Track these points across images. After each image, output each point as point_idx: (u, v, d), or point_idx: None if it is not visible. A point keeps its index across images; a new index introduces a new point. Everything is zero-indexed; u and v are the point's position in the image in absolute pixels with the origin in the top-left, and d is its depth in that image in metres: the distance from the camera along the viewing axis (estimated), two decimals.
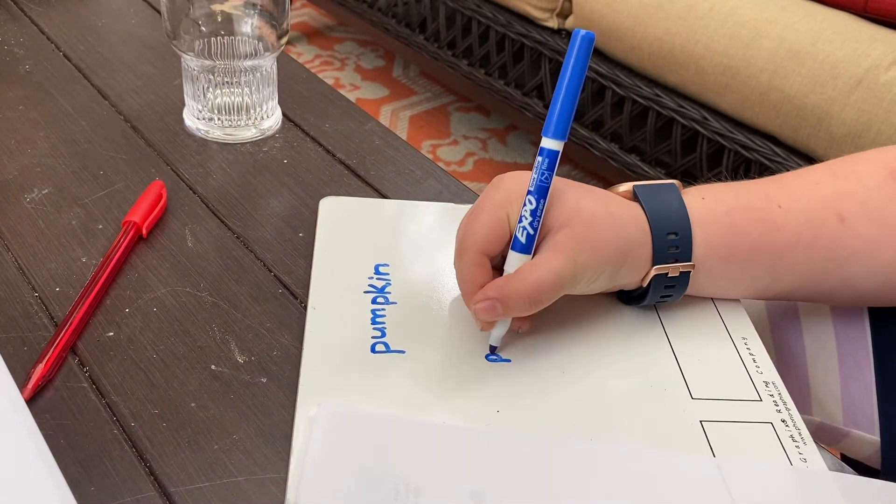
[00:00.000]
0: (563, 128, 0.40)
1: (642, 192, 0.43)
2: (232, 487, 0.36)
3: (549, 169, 0.40)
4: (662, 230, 0.42)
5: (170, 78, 0.65)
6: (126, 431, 0.38)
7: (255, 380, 0.41)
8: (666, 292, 0.44)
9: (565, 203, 0.41)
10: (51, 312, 0.44)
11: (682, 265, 0.42)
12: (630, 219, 0.42)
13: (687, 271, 0.43)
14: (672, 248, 0.42)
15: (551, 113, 0.40)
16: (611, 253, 0.41)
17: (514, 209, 0.41)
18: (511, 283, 0.40)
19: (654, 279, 0.42)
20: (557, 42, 1.44)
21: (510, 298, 0.40)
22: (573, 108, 0.39)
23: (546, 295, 0.40)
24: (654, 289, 0.43)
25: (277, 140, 0.59)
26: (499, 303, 0.40)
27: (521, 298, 0.40)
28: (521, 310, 0.40)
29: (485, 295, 0.40)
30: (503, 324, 0.42)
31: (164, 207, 0.51)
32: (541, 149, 0.40)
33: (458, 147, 1.78)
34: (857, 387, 0.49)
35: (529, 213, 0.40)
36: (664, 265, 0.42)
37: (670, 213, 0.42)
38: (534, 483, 0.36)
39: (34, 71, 0.64)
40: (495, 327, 0.42)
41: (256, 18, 0.56)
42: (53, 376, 0.40)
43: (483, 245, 0.41)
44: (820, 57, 1.12)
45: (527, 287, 0.40)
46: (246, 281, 0.47)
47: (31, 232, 0.49)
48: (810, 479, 0.38)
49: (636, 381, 0.42)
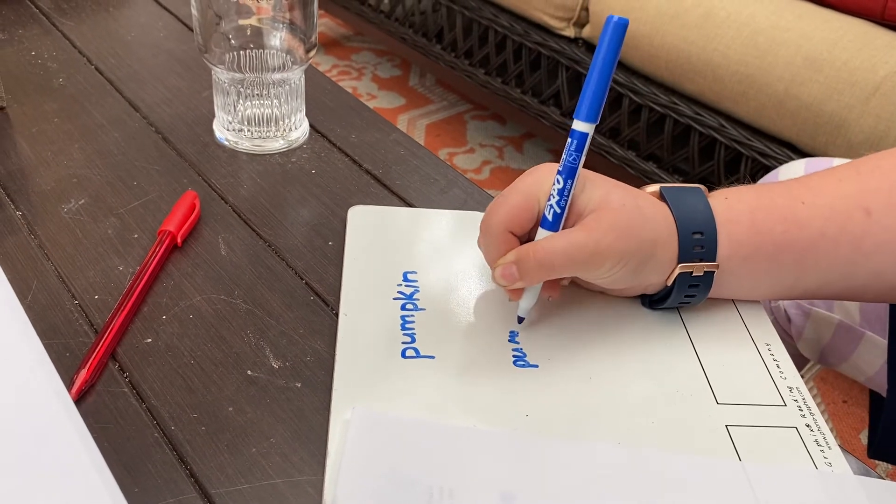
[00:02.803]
0: (594, 110, 0.41)
1: (669, 193, 0.44)
2: (270, 489, 0.37)
3: (577, 150, 0.41)
4: (688, 229, 0.43)
5: (198, 90, 0.66)
6: (166, 435, 0.39)
7: (290, 384, 0.42)
8: (690, 292, 0.44)
9: (596, 191, 0.42)
10: (90, 319, 0.45)
11: (707, 265, 0.43)
12: (658, 215, 0.43)
13: (711, 271, 0.43)
14: (697, 247, 0.43)
15: (583, 96, 0.41)
16: (636, 244, 0.42)
17: (545, 193, 0.42)
18: (527, 247, 0.42)
19: (678, 278, 0.43)
20: (574, 51, 1.45)
21: (523, 261, 0.41)
22: (605, 91, 0.40)
23: (558, 260, 0.41)
24: (678, 289, 0.44)
25: (305, 151, 0.61)
26: (514, 265, 0.41)
27: (533, 261, 0.41)
28: (533, 273, 0.41)
29: (504, 260, 0.42)
30: (531, 294, 0.43)
31: (198, 217, 0.52)
32: (571, 131, 0.41)
33: (475, 155, 1.79)
34: None
35: (557, 192, 0.42)
36: (689, 264, 0.43)
37: (696, 213, 0.43)
38: (563, 485, 0.37)
39: (68, 84, 0.66)
40: (523, 297, 0.44)
41: (285, 32, 0.58)
42: (95, 381, 0.41)
43: (509, 222, 0.42)
44: (837, 64, 1.12)
45: (539, 251, 0.41)
46: (278, 288, 0.48)
47: (70, 241, 0.50)
48: (835, 482, 0.38)
49: (662, 385, 0.43)
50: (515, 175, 1.73)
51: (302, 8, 0.57)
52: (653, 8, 1.30)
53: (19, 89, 0.64)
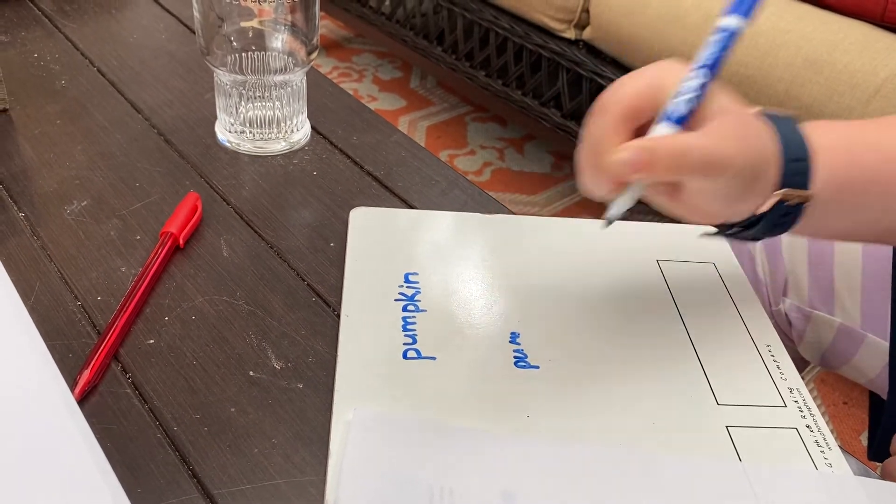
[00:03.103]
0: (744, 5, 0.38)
1: (771, 117, 0.42)
2: (272, 490, 0.37)
3: (724, 47, 0.38)
4: (791, 155, 0.40)
5: (200, 92, 0.66)
6: (169, 435, 0.39)
7: (292, 385, 0.42)
8: (780, 222, 0.41)
9: (721, 97, 0.39)
10: (93, 321, 0.45)
11: (803, 193, 0.41)
12: (767, 136, 0.40)
13: (804, 202, 0.41)
14: (796, 175, 0.40)
15: None
16: (754, 158, 0.39)
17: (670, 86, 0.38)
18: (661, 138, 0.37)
19: (774, 206, 0.40)
20: (575, 53, 1.45)
21: (659, 148, 0.36)
22: None
23: (695, 156, 0.37)
24: (769, 217, 0.41)
25: (307, 152, 0.61)
26: (646, 152, 0.36)
27: (671, 148, 0.36)
28: (665, 164, 0.36)
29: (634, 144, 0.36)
30: (630, 196, 0.38)
31: (200, 218, 0.53)
32: (719, 28, 0.38)
33: (476, 157, 1.79)
34: (878, 296, 0.49)
35: (694, 87, 0.38)
36: (789, 190, 0.40)
37: (796, 139, 0.41)
38: (563, 486, 0.37)
39: (70, 86, 0.66)
40: (621, 197, 0.38)
41: (287, 34, 0.58)
42: (98, 382, 0.42)
43: (630, 106, 0.38)
44: (838, 66, 1.12)
45: (676, 141, 0.37)
46: (280, 289, 0.48)
47: (72, 243, 0.50)
48: (836, 483, 0.38)
49: (663, 387, 0.43)
50: (516, 177, 1.74)
51: (303, 10, 0.57)
52: (653, 11, 1.30)
53: (22, 91, 0.65)
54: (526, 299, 0.48)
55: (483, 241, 0.52)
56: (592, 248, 0.52)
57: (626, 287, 0.49)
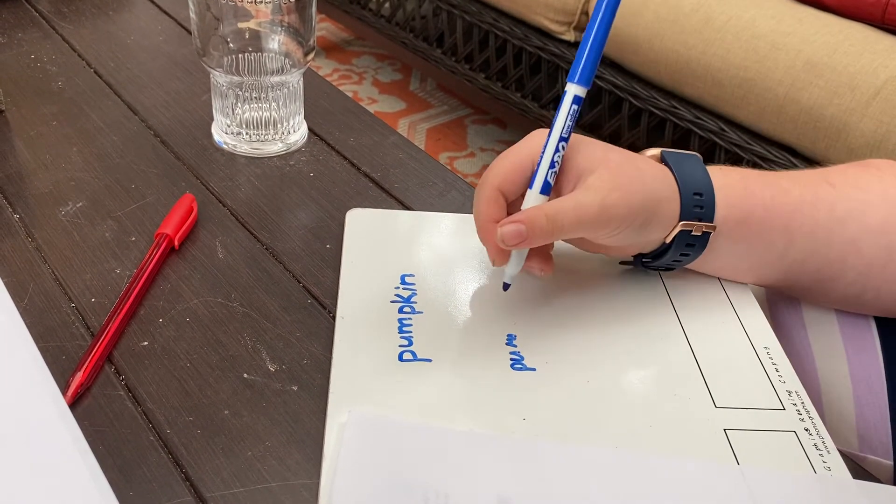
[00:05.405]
0: (586, 75, 0.42)
1: (670, 156, 0.46)
2: (265, 493, 0.37)
3: (572, 115, 0.42)
4: (689, 189, 0.44)
5: (197, 93, 0.66)
6: (162, 438, 0.39)
7: (287, 388, 0.42)
8: (685, 251, 0.46)
9: (593, 152, 0.43)
10: (87, 322, 0.45)
11: (706, 224, 0.44)
12: (658, 174, 0.44)
13: (709, 232, 0.45)
14: (697, 207, 0.44)
15: (576, 62, 0.42)
16: (639, 200, 0.43)
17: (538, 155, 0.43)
18: (536, 208, 0.42)
19: (678, 236, 0.44)
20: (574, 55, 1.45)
21: (533, 220, 0.41)
22: (597, 57, 0.42)
23: (568, 219, 0.41)
24: (675, 246, 0.45)
25: (304, 154, 0.60)
26: (523, 225, 0.41)
27: (544, 219, 0.41)
28: (542, 232, 0.41)
29: (511, 219, 0.41)
30: (518, 260, 0.44)
31: (195, 220, 0.52)
32: (564, 93, 0.42)
33: (475, 159, 1.79)
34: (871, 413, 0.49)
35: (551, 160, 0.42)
36: (690, 222, 0.44)
37: (696, 174, 0.45)
38: (560, 489, 0.37)
39: (66, 87, 0.66)
40: (510, 263, 0.44)
41: (283, 35, 0.58)
42: (91, 384, 0.41)
43: (501, 181, 0.43)
44: (837, 68, 1.12)
45: (549, 210, 0.41)
46: (275, 291, 0.48)
47: (67, 244, 0.50)
48: (834, 486, 0.38)
49: (660, 389, 0.42)
50: None
51: (300, 11, 0.57)
52: (652, 12, 1.30)
53: (18, 92, 0.64)
54: (523, 301, 0.47)
55: (480, 243, 0.52)
56: None
57: (624, 289, 0.49)
